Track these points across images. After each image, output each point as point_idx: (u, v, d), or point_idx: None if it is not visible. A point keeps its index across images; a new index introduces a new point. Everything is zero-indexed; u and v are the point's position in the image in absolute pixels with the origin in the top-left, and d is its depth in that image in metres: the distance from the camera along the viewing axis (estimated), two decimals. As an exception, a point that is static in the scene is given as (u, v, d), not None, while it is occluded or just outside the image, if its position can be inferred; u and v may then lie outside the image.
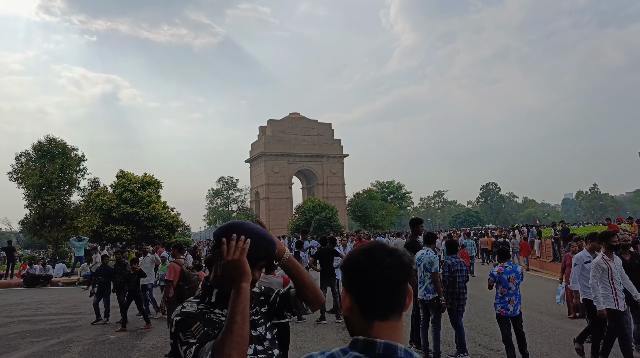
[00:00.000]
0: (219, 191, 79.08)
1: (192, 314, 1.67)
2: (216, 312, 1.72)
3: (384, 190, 78.28)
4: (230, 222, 1.79)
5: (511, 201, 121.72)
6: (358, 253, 1.26)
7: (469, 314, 9.36)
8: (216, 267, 1.76)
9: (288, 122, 78.55)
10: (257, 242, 1.72)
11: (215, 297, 1.76)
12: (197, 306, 1.71)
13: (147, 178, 35.87)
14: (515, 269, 6.80)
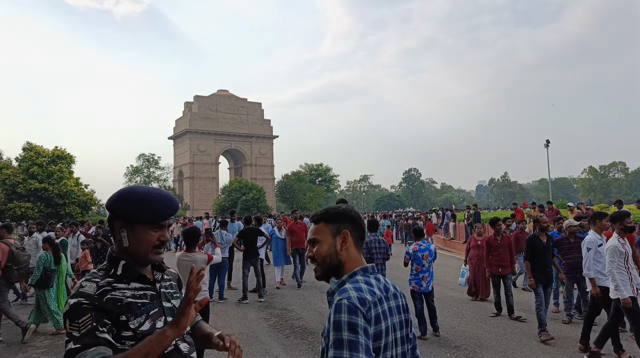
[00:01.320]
0: (138, 168, 75.37)
1: (89, 298, 1.52)
2: (120, 287, 1.61)
3: (312, 173, 78.98)
4: (121, 189, 1.71)
5: (431, 186, 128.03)
6: (352, 209, 1.76)
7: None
8: (121, 238, 1.67)
9: (216, 99, 76.19)
10: (157, 202, 1.66)
11: (121, 269, 1.65)
12: (98, 284, 1.57)
13: (58, 152, 33.33)
14: (429, 248, 7.19)
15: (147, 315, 1.62)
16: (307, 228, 7.10)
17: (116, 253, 1.69)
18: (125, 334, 1.55)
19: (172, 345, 1.65)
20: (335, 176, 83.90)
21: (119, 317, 1.54)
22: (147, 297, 1.66)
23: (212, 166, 74.73)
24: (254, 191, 52.32)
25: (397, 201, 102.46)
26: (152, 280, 1.72)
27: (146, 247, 1.66)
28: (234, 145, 76.04)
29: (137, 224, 1.65)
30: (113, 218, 1.68)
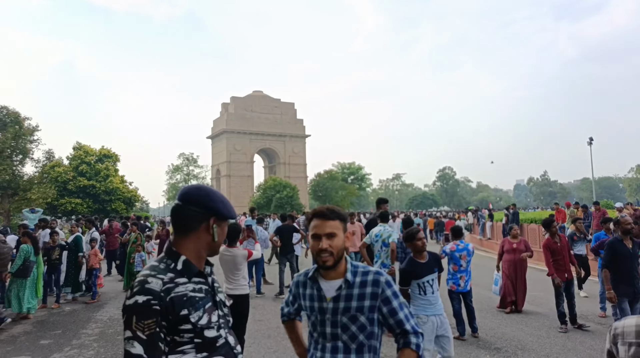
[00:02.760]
0: (179, 167, 77.47)
1: (156, 297, 1.59)
2: (181, 282, 1.67)
3: (344, 171, 78.91)
4: (204, 188, 1.83)
5: (466, 185, 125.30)
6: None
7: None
8: (213, 233, 1.80)
9: (251, 99, 77.32)
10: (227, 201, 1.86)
11: (181, 264, 1.72)
12: (163, 281, 1.64)
13: (104, 151, 34.74)
14: (467, 247, 7.02)
15: (204, 308, 1.69)
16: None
17: (177, 248, 1.76)
18: (184, 327, 1.63)
19: (223, 338, 1.74)
20: (367, 174, 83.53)
21: (180, 312, 1.62)
22: (203, 291, 1.73)
23: (247, 164, 75.87)
24: (287, 189, 52.85)
25: (431, 200, 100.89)
26: (206, 274, 1.82)
27: (220, 242, 1.83)
28: (268, 144, 76.92)
29: (223, 221, 1.82)
30: (204, 214, 1.76)
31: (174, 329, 1.62)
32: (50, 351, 6.57)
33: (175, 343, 1.63)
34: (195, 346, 1.65)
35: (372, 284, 2.06)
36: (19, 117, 27.35)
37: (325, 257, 2.04)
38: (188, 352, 1.64)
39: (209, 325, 1.68)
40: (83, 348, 6.70)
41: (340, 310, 2.05)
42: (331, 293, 2.08)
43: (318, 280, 2.14)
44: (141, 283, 1.62)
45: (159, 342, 1.58)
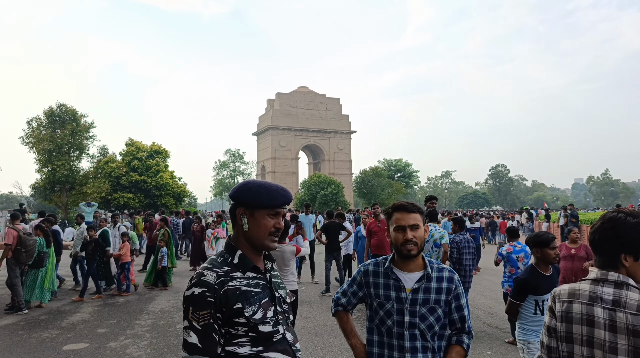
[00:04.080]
0: (225, 163, 79.26)
1: (211, 289, 1.66)
2: (237, 276, 1.72)
3: (391, 168, 78.06)
4: (242, 182, 1.86)
5: (520, 184, 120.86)
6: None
7: (473, 293, 9.46)
8: (241, 223, 1.81)
9: (296, 95, 77.82)
10: (275, 190, 1.82)
11: (237, 258, 1.77)
12: (218, 274, 1.70)
13: (155, 147, 36.00)
14: (524, 249, 6.71)
15: (260, 303, 1.71)
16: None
17: (234, 243, 1.82)
18: (239, 320, 1.67)
19: (280, 334, 1.76)
20: (415, 172, 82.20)
21: (234, 305, 1.66)
22: (259, 286, 1.76)
23: (292, 161, 76.52)
24: (332, 186, 52.84)
25: (483, 199, 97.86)
26: (263, 270, 1.83)
27: (263, 232, 1.78)
28: (312, 140, 77.22)
29: (256, 210, 1.79)
30: (235, 206, 1.83)
31: (229, 322, 1.67)
32: (106, 339, 6.82)
33: (231, 335, 1.68)
34: (250, 340, 1.68)
35: (448, 280, 2.27)
36: (76, 114, 28.78)
37: (411, 246, 2.22)
38: (243, 345, 1.68)
39: (264, 320, 1.70)
40: (137, 338, 6.91)
41: (420, 301, 2.21)
42: (410, 284, 2.23)
43: (394, 270, 2.28)
44: (198, 275, 1.70)
45: (213, 333, 1.64)
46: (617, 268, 1.89)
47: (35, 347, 6.49)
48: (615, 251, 1.89)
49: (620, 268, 1.88)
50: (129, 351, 6.27)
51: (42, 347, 6.49)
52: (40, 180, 28.73)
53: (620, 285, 1.87)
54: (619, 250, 1.87)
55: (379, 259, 2.40)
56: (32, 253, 8.82)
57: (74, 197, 28.47)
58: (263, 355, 1.70)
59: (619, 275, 1.88)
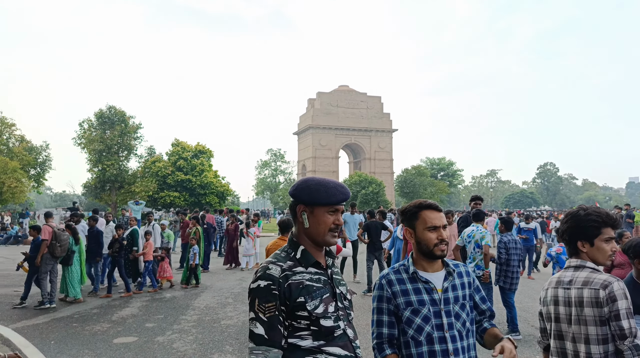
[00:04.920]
0: (267, 162, 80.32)
1: (276, 282, 1.72)
2: (299, 271, 1.78)
3: (433, 167, 76.78)
4: (301, 179, 1.91)
5: (570, 183, 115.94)
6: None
7: (521, 295, 9.13)
8: (302, 220, 1.86)
9: (337, 94, 77.79)
10: (333, 187, 1.86)
11: (300, 253, 1.83)
12: (282, 268, 1.76)
13: (199, 147, 36.90)
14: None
15: (321, 298, 1.76)
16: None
17: (297, 238, 1.88)
18: (301, 314, 1.73)
19: (341, 330, 1.79)
20: (458, 170, 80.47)
21: (297, 299, 1.72)
22: (321, 282, 1.81)
23: (332, 160, 76.57)
24: (373, 185, 52.45)
25: (530, 199, 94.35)
26: (324, 266, 1.88)
27: (323, 229, 1.83)
28: (353, 139, 76.97)
29: (315, 207, 1.84)
30: (295, 204, 1.88)
31: (292, 314, 1.73)
32: (154, 334, 7.03)
33: (294, 328, 1.74)
34: (312, 333, 1.73)
35: (466, 274, 2.26)
36: (125, 115, 29.93)
37: (444, 246, 2.16)
38: (305, 338, 1.73)
39: (325, 315, 1.75)
40: (183, 333, 7.09)
41: (452, 300, 2.14)
42: (439, 284, 2.16)
43: (419, 274, 2.19)
44: (264, 269, 1.77)
45: (278, 325, 1.70)
46: (578, 254, 2.27)
47: (88, 339, 6.78)
48: (573, 240, 2.28)
49: (581, 253, 2.26)
50: (175, 345, 6.44)
51: (94, 339, 6.77)
52: (91, 179, 30.08)
53: (579, 268, 2.25)
54: (576, 238, 2.26)
55: (396, 266, 2.28)
56: (65, 247, 9.25)
57: (122, 195, 29.62)
58: (324, 349, 1.74)
59: (578, 260, 2.26)
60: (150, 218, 12.56)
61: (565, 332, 2.23)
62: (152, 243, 10.84)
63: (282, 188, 70.80)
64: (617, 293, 2.06)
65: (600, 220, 2.22)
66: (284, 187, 74.09)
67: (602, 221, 2.22)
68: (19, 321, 7.86)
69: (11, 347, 6.41)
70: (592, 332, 2.12)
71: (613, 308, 2.05)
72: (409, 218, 2.24)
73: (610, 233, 2.22)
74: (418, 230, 2.19)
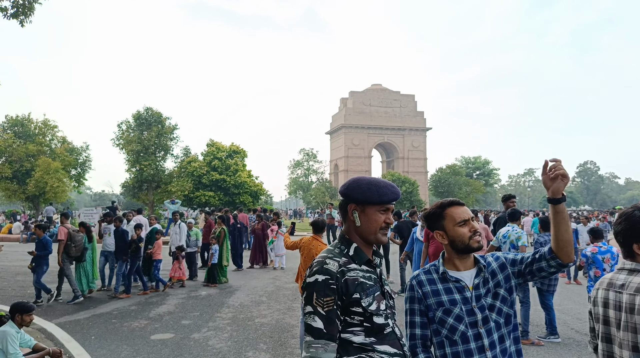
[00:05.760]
0: (299, 162, 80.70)
1: (334, 277, 1.73)
2: (353, 267, 1.80)
3: (469, 166, 75.19)
4: (352, 179, 1.94)
5: (612, 182, 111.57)
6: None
7: (560, 297, 8.85)
8: (354, 219, 1.88)
9: (369, 93, 77.38)
10: (384, 186, 1.88)
11: (353, 250, 1.85)
12: (339, 263, 1.78)
13: (234, 147, 37.39)
14: (610, 250, 6.37)
15: (374, 296, 1.79)
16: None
17: (348, 236, 1.90)
18: (355, 310, 1.74)
19: (390, 327, 1.82)
20: (495, 169, 78.48)
21: (353, 294, 1.74)
22: (372, 280, 1.83)
23: (365, 159, 76.21)
24: (406, 184, 51.89)
25: (570, 198, 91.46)
26: (375, 264, 1.90)
27: (375, 227, 1.86)
28: (386, 138, 76.39)
29: (367, 206, 1.86)
30: (346, 203, 1.91)
31: (347, 310, 1.74)
32: (190, 331, 7.17)
33: (347, 323, 1.75)
34: (364, 329, 1.75)
35: (495, 260, 2.18)
36: (161, 117, 30.69)
37: (478, 237, 2.14)
38: (358, 333, 1.75)
39: (378, 312, 1.77)
40: (218, 330, 7.20)
41: (484, 294, 2.11)
42: (470, 282, 2.13)
43: (450, 274, 2.16)
44: (320, 263, 1.78)
45: (336, 319, 1.71)
46: (634, 257, 2.13)
47: (126, 335, 6.98)
48: (628, 242, 2.12)
49: (637, 256, 2.11)
50: (211, 342, 6.55)
51: (133, 335, 6.96)
52: (129, 179, 31.00)
53: (633, 272, 2.10)
54: (631, 240, 2.11)
55: (427, 267, 2.27)
56: (80, 247, 9.60)
57: (159, 195, 30.40)
58: (375, 346, 1.76)
59: (633, 263, 2.12)
60: (176, 217, 12.42)
61: (614, 335, 2.16)
62: (160, 243, 10.76)
63: (314, 187, 70.95)
64: None
65: None
66: (316, 186, 74.27)
67: None
68: (62, 316, 8.17)
69: (54, 341, 6.68)
70: None
71: None
72: (435, 220, 2.22)
73: None
74: (448, 228, 2.17)
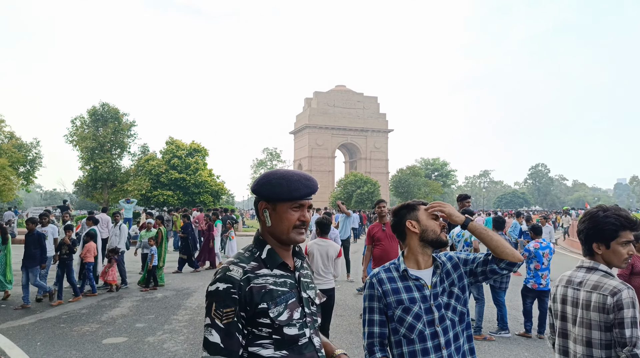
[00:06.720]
0: (262, 161, 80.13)
1: (236, 286, 1.55)
2: (263, 273, 1.62)
3: (428, 167, 76.90)
4: (264, 174, 1.74)
5: (560, 183, 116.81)
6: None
7: (511, 293, 9.14)
8: (264, 218, 1.71)
9: (333, 94, 77.83)
10: (297, 181, 1.68)
11: (266, 253, 1.67)
12: (244, 269, 1.60)
13: (194, 145, 36.66)
14: (549, 245, 7.10)
15: (286, 304, 1.61)
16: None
17: (262, 236, 1.72)
18: (263, 321, 1.57)
19: (307, 338, 1.65)
20: (452, 171, 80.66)
21: (259, 305, 1.56)
22: (287, 285, 1.65)
23: (328, 160, 76.56)
24: (368, 185, 52.46)
25: (522, 199, 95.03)
26: (292, 268, 1.72)
27: (287, 226, 1.67)
28: (349, 139, 77.02)
29: (278, 203, 1.67)
30: (258, 200, 1.72)
31: (253, 321, 1.57)
32: (144, 334, 6.95)
33: (255, 336, 1.58)
34: (274, 342, 1.58)
35: (448, 259, 2.24)
36: (118, 113, 29.66)
37: (445, 232, 2.23)
38: (267, 347, 1.58)
39: (290, 322, 1.60)
40: (174, 333, 7.01)
41: (440, 293, 2.14)
42: (429, 280, 2.15)
43: (410, 272, 2.17)
44: (224, 270, 1.60)
45: (236, 333, 1.54)
46: (593, 255, 2.24)
47: (76, 340, 6.68)
48: (589, 241, 2.23)
49: (596, 255, 2.23)
50: (166, 346, 6.37)
51: (83, 340, 6.67)
52: (83, 177, 29.78)
53: (591, 270, 2.22)
54: (592, 239, 2.22)
55: (387, 265, 2.26)
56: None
57: (115, 194, 29.38)
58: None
59: (591, 261, 2.24)
60: (117, 218, 11.56)
61: (570, 331, 2.27)
62: (93, 245, 10.15)
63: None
64: (625, 301, 2.06)
65: (619, 223, 2.15)
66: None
67: (620, 224, 2.15)
68: (5, 322, 7.73)
69: (-3, 347, 6.32)
70: (596, 336, 2.13)
71: (618, 315, 2.06)
72: (410, 210, 2.26)
73: (628, 237, 2.17)
74: (422, 219, 2.22)
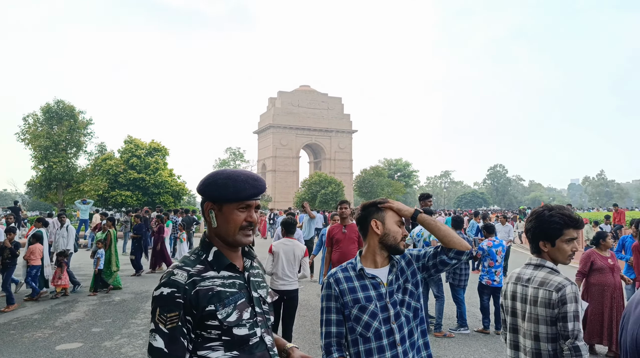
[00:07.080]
0: (225, 161, 79.03)
1: (180, 290, 1.53)
2: (210, 276, 1.60)
3: (391, 168, 77.96)
4: (209, 174, 1.71)
5: (518, 184, 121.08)
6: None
7: (470, 291, 9.39)
8: (210, 219, 1.68)
9: (298, 94, 77.74)
10: (243, 181, 1.66)
11: (212, 256, 1.65)
12: (189, 273, 1.57)
13: (154, 144, 35.73)
14: (501, 243, 7.35)
15: (235, 305, 1.60)
16: (358, 233, 6.36)
17: (209, 238, 1.70)
18: (211, 323, 1.56)
19: (258, 337, 1.65)
20: (414, 171, 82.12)
21: (206, 307, 1.55)
22: (236, 286, 1.64)
23: (293, 160, 76.42)
24: (332, 185, 52.73)
25: (481, 199, 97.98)
26: (241, 269, 1.71)
27: (233, 227, 1.64)
28: (314, 139, 77.13)
29: (224, 204, 1.65)
30: (204, 201, 1.69)
31: (201, 325, 1.56)
32: (101, 339, 6.73)
33: (204, 339, 1.57)
34: (223, 344, 1.57)
35: (402, 257, 2.28)
36: (74, 110, 28.56)
37: (405, 243, 2.26)
38: (217, 349, 1.57)
39: (239, 323, 1.59)
40: (132, 337, 6.83)
41: (395, 290, 2.17)
42: (385, 278, 2.19)
43: (367, 271, 2.20)
44: (168, 274, 1.58)
45: (180, 338, 1.52)
46: (540, 253, 2.35)
47: (27, 347, 6.39)
48: (536, 239, 2.34)
49: (542, 253, 2.34)
50: (124, 350, 6.19)
51: (35, 346, 6.40)
52: (36, 177, 28.52)
53: (538, 267, 2.32)
54: (539, 238, 2.32)
55: (344, 265, 2.29)
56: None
57: (70, 194, 28.31)
58: None
59: (538, 259, 2.34)
60: (63, 219, 11.16)
61: (520, 326, 2.36)
62: (39, 247, 9.74)
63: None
64: (568, 296, 2.17)
65: (563, 222, 2.26)
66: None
67: (564, 223, 2.26)
68: (-49, 328, 7.33)
69: (-60, 356, 5.97)
70: (543, 330, 2.23)
71: (562, 310, 2.17)
72: (378, 210, 2.24)
73: (572, 235, 2.28)
74: (388, 222, 2.22)
